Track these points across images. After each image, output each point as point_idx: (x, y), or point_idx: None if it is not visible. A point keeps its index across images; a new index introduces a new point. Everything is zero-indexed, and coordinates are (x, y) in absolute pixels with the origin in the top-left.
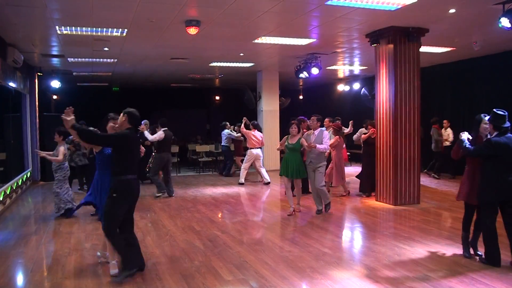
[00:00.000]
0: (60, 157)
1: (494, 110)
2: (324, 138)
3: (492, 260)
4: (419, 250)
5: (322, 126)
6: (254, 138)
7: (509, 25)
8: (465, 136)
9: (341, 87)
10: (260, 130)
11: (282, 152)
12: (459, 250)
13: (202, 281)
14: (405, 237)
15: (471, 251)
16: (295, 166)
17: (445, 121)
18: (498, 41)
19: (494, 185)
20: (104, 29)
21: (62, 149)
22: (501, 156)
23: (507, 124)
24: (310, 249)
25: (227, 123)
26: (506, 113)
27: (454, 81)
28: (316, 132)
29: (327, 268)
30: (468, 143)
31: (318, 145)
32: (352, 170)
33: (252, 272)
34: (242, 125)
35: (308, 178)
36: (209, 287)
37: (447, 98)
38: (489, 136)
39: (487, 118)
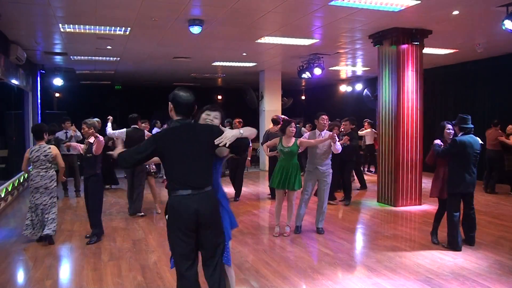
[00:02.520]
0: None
1: (460, 114)
2: None
3: (453, 245)
4: (420, 252)
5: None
6: None
7: None
8: (438, 141)
9: (344, 88)
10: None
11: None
12: (461, 253)
13: (202, 280)
14: (406, 238)
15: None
16: (296, 175)
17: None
18: (501, 43)
19: (459, 179)
20: (107, 27)
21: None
22: (465, 154)
23: (471, 125)
24: (311, 249)
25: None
26: (469, 116)
27: (457, 82)
28: (323, 133)
29: (328, 269)
30: (439, 146)
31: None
32: None
33: (253, 272)
34: None
35: (304, 187)
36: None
37: (450, 100)
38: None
39: (449, 125)
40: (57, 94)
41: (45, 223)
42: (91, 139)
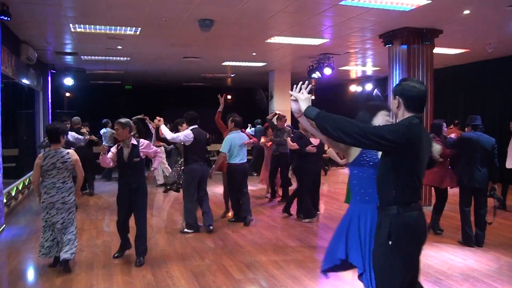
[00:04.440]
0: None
1: (470, 115)
2: None
3: (468, 241)
4: (430, 253)
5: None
6: None
7: None
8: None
9: (354, 88)
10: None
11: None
12: (471, 254)
13: (212, 280)
14: None
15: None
16: None
17: None
18: None
19: (464, 173)
20: (118, 27)
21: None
22: (469, 149)
23: (478, 122)
24: (321, 249)
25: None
26: (478, 116)
27: (467, 83)
28: None
29: None
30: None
31: None
32: None
33: (263, 271)
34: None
35: None
36: (219, 286)
37: (460, 100)
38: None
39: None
40: (67, 94)
41: (62, 245)
42: (134, 141)
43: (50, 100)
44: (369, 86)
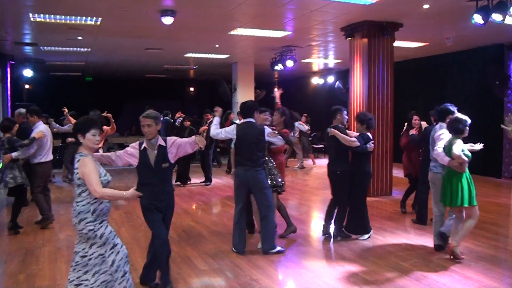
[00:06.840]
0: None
1: (437, 107)
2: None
3: (421, 220)
4: (390, 240)
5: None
6: None
7: (481, 22)
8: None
9: (316, 80)
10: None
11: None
12: (430, 240)
13: (177, 271)
14: (377, 227)
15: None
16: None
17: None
18: (471, 37)
19: (428, 163)
20: (78, 17)
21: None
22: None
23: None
24: (283, 239)
25: None
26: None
27: (427, 76)
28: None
29: (301, 258)
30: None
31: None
32: None
33: (227, 261)
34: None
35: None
36: (184, 277)
37: (420, 93)
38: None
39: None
40: (27, 86)
41: None
42: (160, 141)
43: (9, 92)
44: (331, 79)
